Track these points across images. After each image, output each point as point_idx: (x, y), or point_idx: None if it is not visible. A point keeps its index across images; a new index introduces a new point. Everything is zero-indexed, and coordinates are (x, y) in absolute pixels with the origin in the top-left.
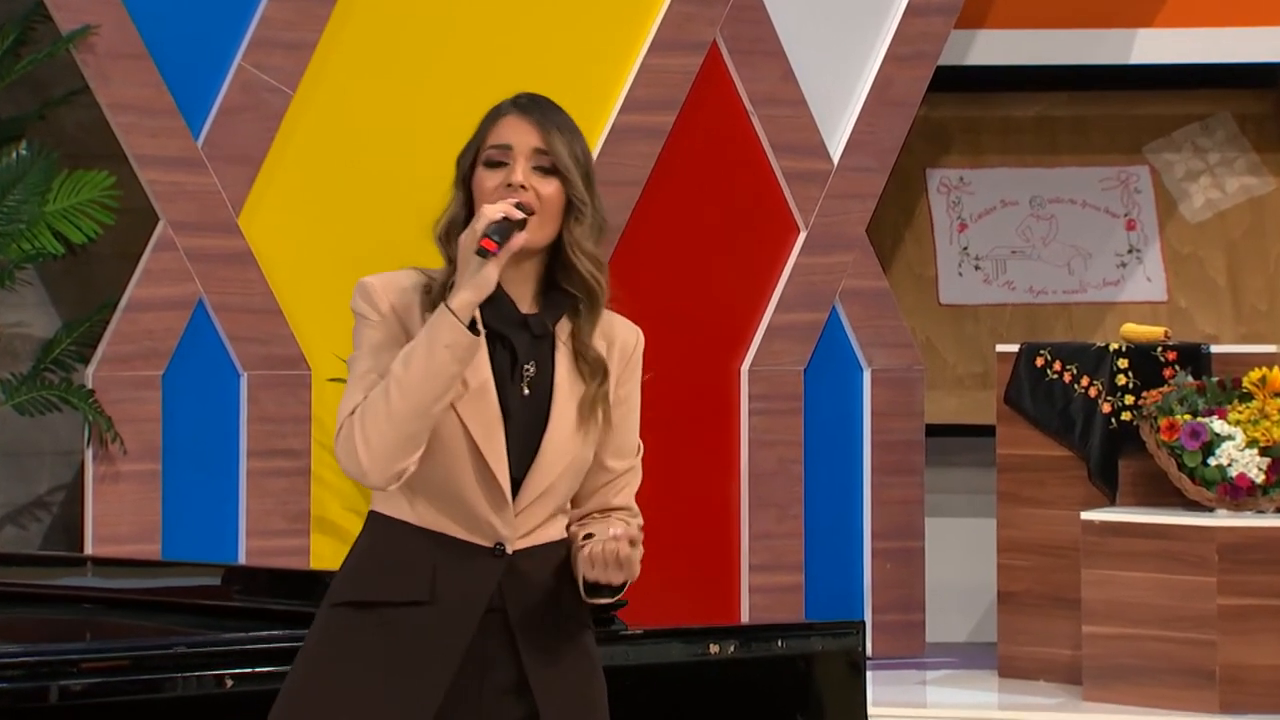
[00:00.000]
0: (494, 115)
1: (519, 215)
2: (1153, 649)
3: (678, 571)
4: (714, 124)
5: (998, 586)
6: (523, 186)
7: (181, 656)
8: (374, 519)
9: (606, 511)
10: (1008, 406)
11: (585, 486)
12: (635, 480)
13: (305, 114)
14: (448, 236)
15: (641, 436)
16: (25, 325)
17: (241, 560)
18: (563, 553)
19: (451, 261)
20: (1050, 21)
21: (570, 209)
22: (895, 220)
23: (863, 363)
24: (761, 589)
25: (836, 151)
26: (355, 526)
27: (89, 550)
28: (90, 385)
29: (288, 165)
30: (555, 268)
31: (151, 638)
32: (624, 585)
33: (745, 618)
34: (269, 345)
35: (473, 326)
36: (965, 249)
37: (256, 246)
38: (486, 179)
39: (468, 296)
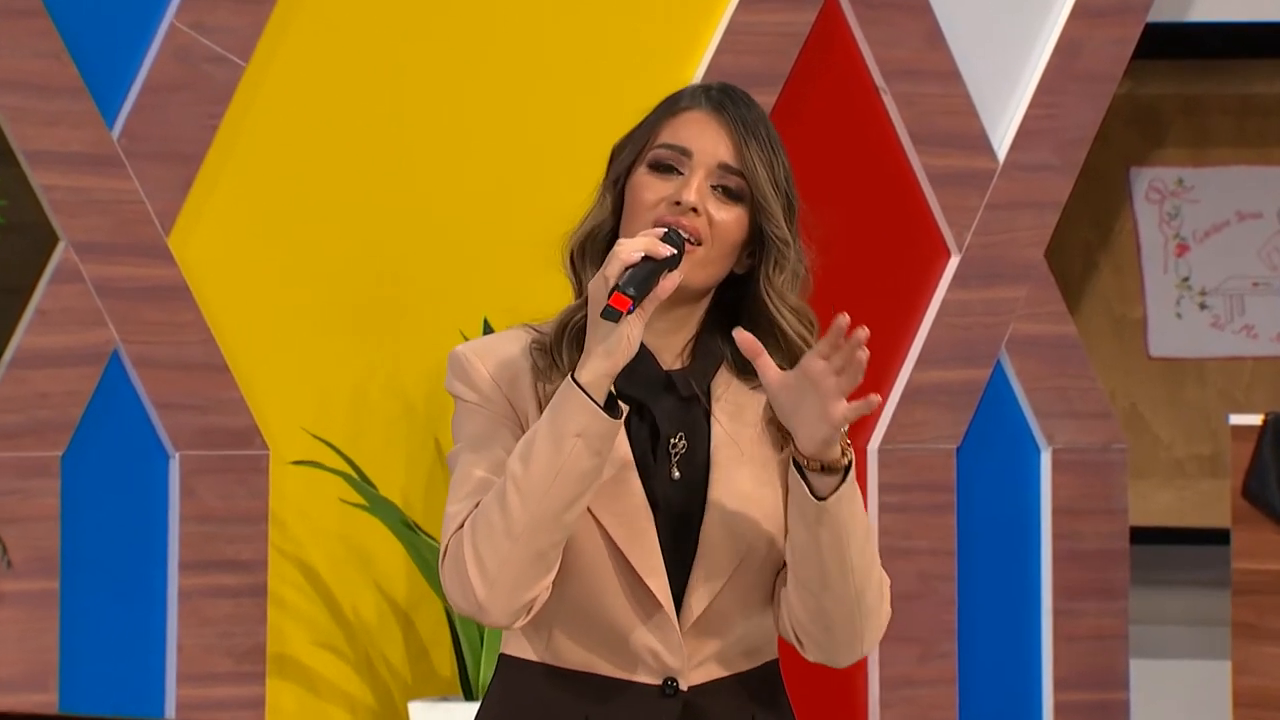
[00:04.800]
0: (672, 105)
1: (666, 251)
2: None
3: None
4: (830, 106)
5: None
6: (694, 209)
7: None
8: (504, 665)
9: None
10: (1247, 502)
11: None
12: None
13: (261, 93)
14: (583, 254)
15: None
16: None
17: (170, 715)
18: (764, 690)
19: (581, 293)
20: None
21: (766, 250)
22: (1086, 240)
23: (1040, 440)
24: None
25: (1003, 144)
26: (326, 668)
27: None
28: None
29: (237, 164)
30: (719, 316)
31: None
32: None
33: None
34: (210, 414)
35: (610, 405)
36: (1186, 280)
37: (194, 277)
38: (646, 186)
39: (601, 366)
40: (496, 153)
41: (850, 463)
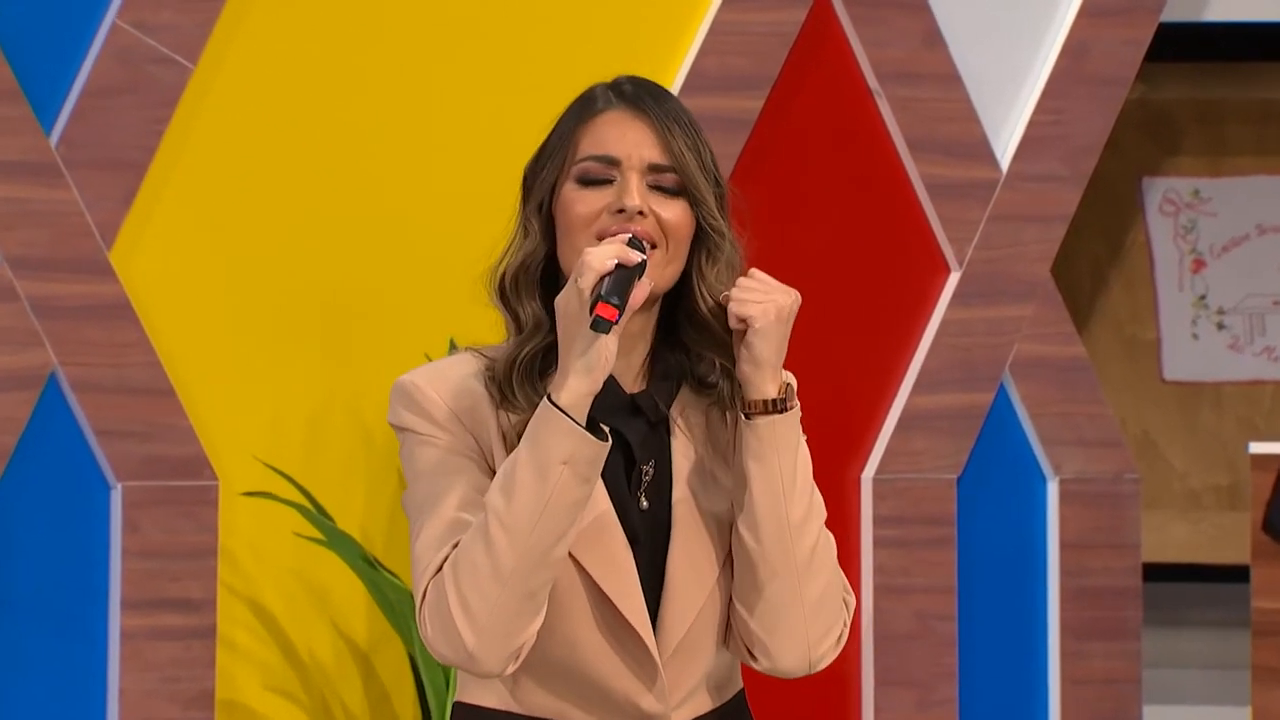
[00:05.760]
0: (585, 110)
1: (637, 257)
2: None
3: None
4: (822, 111)
5: None
6: (641, 213)
7: None
8: (462, 715)
9: None
10: (1268, 536)
11: None
12: None
13: (210, 97)
14: (515, 287)
15: None
16: None
17: None
18: None
19: (520, 329)
20: None
21: (699, 242)
22: (1096, 255)
23: (1047, 469)
24: None
25: (1006, 152)
26: (280, 714)
27: None
28: None
29: (184, 173)
30: (672, 322)
31: None
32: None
33: None
34: (155, 442)
35: (593, 426)
36: (1203, 298)
37: (137, 294)
38: (579, 200)
39: (581, 385)
40: (465, 162)
41: (793, 407)
